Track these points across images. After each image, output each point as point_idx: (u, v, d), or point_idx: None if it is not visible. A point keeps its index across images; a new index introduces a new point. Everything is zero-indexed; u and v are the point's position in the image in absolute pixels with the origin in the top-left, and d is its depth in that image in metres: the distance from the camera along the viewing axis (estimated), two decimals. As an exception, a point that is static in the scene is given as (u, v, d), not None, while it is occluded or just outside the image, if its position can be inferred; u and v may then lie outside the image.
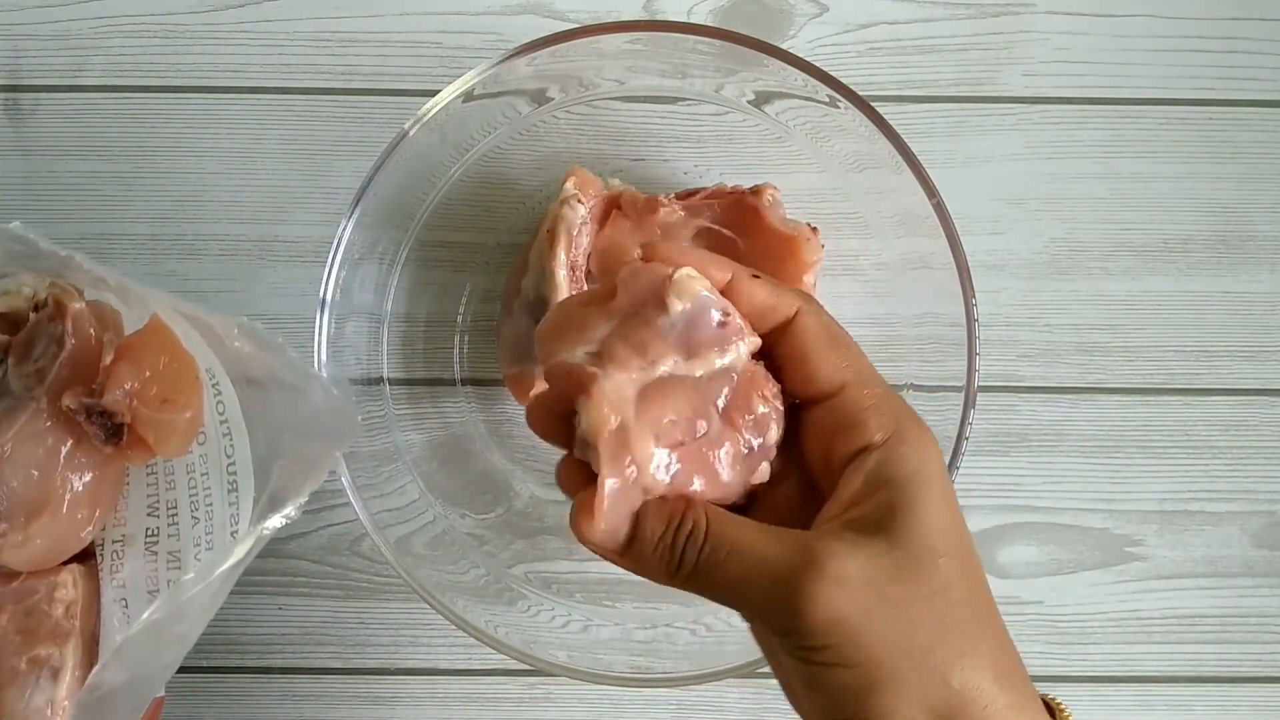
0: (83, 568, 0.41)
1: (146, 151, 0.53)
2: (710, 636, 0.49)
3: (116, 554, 0.42)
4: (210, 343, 0.41)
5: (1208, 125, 0.54)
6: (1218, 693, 0.53)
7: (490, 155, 0.51)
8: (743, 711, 0.52)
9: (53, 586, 0.40)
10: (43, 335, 0.40)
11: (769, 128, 0.51)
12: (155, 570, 0.41)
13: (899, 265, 0.49)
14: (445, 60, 0.53)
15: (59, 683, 0.39)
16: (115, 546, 0.42)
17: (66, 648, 0.39)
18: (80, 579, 0.41)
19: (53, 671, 0.39)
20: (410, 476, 0.50)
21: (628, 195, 0.50)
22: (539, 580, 0.51)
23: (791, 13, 0.54)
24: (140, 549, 0.42)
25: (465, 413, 0.52)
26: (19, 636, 0.39)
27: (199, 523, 0.41)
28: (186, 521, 0.41)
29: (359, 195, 0.46)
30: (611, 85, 0.51)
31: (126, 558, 0.42)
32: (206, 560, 0.40)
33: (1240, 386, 0.54)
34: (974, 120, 0.54)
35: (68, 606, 0.40)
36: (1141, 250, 0.54)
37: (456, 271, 0.52)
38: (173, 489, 0.42)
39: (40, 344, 0.40)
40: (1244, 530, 0.53)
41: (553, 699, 0.52)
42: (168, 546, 0.42)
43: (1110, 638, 0.53)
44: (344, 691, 0.52)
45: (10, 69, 0.53)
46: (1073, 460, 0.53)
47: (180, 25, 0.53)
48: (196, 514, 0.41)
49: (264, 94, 0.53)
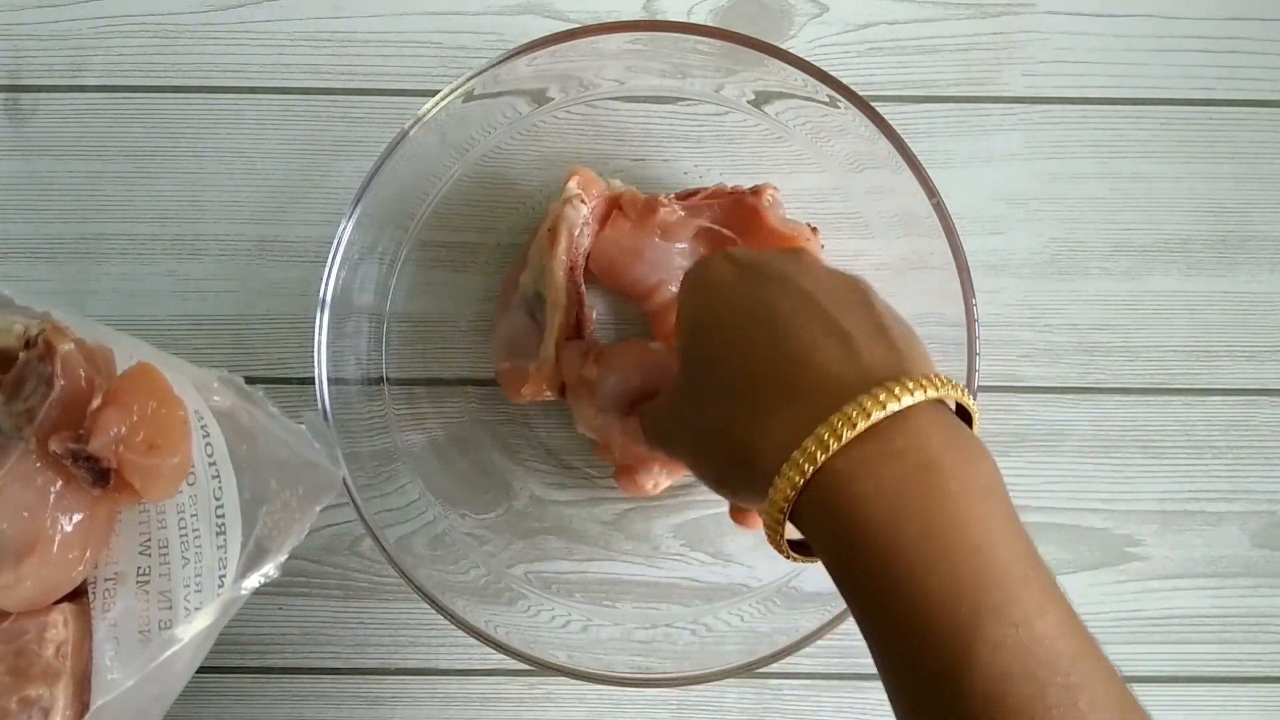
0: (74, 607, 0.41)
1: (146, 151, 0.53)
2: (710, 636, 0.49)
3: (108, 592, 0.42)
4: (197, 385, 0.41)
5: (1208, 125, 0.54)
6: (1218, 693, 0.53)
7: (490, 155, 0.51)
8: (743, 711, 0.52)
9: (43, 626, 0.40)
10: (32, 375, 0.40)
11: (769, 128, 0.51)
12: (147, 609, 0.41)
13: (899, 265, 0.49)
14: (445, 60, 0.53)
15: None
16: (107, 585, 0.42)
17: (57, 687, 0.39)
18: (71, 619, 0.40)
19: (43, 712, 0.39)
20: (410, 476, 0.50)
21: (628, 195, 0.49)
22: (539, 580, 0.51)
23: (791, 13, 0.54)
24: (132, 587, 0.41)
25: (465, 413, 0.52)
26: (9, 677, 0.39)
27: (189, 564, 0.41)
28: (177, 562, 0.41)
29: (359, 195, 0.46)
30: (611, 85, 0.51)
31: (118, 596, 0.41)
32: (196, 603, 0.40)
33: (1240, 386, 0.54)
34: (974, 120, 0.54)
35: (58, 646, 0.40)
36: (1141, 250, 0.54)
37: (456, 271, 0.52)
38: (164, 528, 0.42)
39: (30, 383, 0.40)
40: (1244, 530, 0.53)
41: (553, 699, 0.52)
42: (159, 586, 0.41)
43: (1110, 638, 0.53)
44: (344, 691, 0.52)
45: (10, 69, 0.53)
46: (1073, 460, 0.53)
47: (180, 25, 0.53)
48: (186, 554, 0.41)
49: (264, 94, 0.53)
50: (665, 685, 0.46)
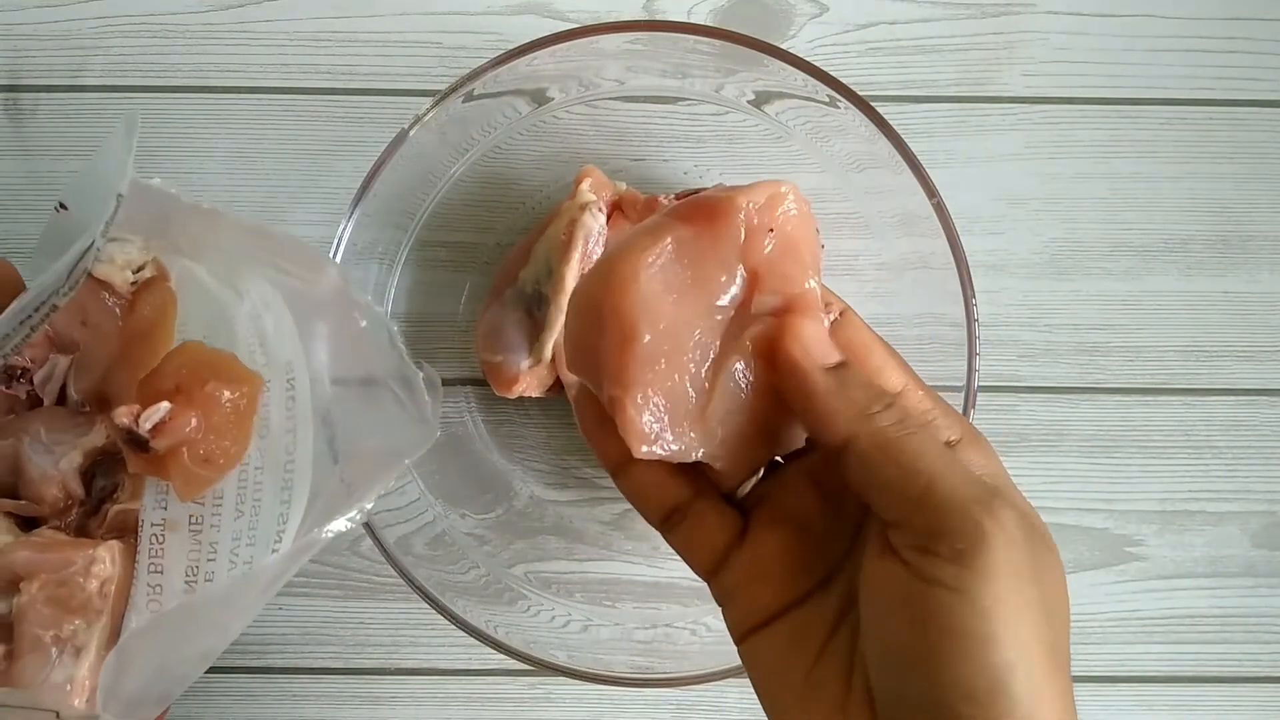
0: (122, 545, 0.40)
1: (147, 151, 0.53)
2: (710, 636, 0.49)
3: (156, 538, 0.40)
4: (320, 318, 0.40)
5: (1208, 125, 0.54)
6: (1218, 693, 0.53)
7: (490, 155, 0.51)
8: (742, 711, 0.52)
9: (90, 560, 0.39)
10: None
11: (769, 128, 0.51)
12: (197, 560, 0.40)
13: (899, 265, 0.49)
14: (445, 60, 0.53)
15: (81, 660, 0.38)
16: (155, 529, 0.40)
17: (95, 626, 0.38)
18: (120, 556, 0.39)
19: (76, 649, 0.38)
20: (410, 476, 0.50)
21: (628, 195, 0.49)
22: (539, 580, 0.51)
23: (791, 13, 0.54)
24: (184, 536, 0.40)
25: (465, 413, 0.52)
26: (49, 608, 0.38)
27: (243, 516, 0.40)
28: (230, 514, 0.40)
29: (359, 195, 0.46)
30: (611, 85, 0.51)
31: (168, 543, 0.40)
32: (246, 556, 0.39)
33: (1240, 386, 0.54)
34: (974, 120, 0.54)
35: (102, 583, 0.39)
36: (1141, 250, 0.54)
37: (456, 271, 0.52)
38: (223, 480, 0.41)
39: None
40: (1244, 530, 0.53)
41: (553, 699, 0.52)
42: (209, 537, 0.40)
43: (1110, 638, 0.53)
44: (344, 691, 0.52)
45: (10, 69, 0.53)
46: (1073, 460, 0.53)
47: (180, 25, 0.53)
48: (242, 507, 0.40)
49: (264, 94, 0.53)
50: (665, 685, 0.46)
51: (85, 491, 0.42)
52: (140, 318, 0.41)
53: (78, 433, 0.41)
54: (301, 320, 0.41)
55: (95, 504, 0.42)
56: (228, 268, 0.41)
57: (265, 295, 0.41)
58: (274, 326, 0.41)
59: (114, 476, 0.42)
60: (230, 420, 0.40)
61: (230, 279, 0.42)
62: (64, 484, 0.41)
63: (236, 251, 0.41)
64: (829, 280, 0.50)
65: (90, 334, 0.42)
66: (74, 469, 0.41)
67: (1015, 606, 0.27)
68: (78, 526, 0.41)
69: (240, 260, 0.41)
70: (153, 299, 0.41)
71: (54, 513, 0.41)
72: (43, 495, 0.41)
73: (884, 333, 0.36)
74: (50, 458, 0.41)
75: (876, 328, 0.36)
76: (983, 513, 0.28)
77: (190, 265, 0.42)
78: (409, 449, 0.39)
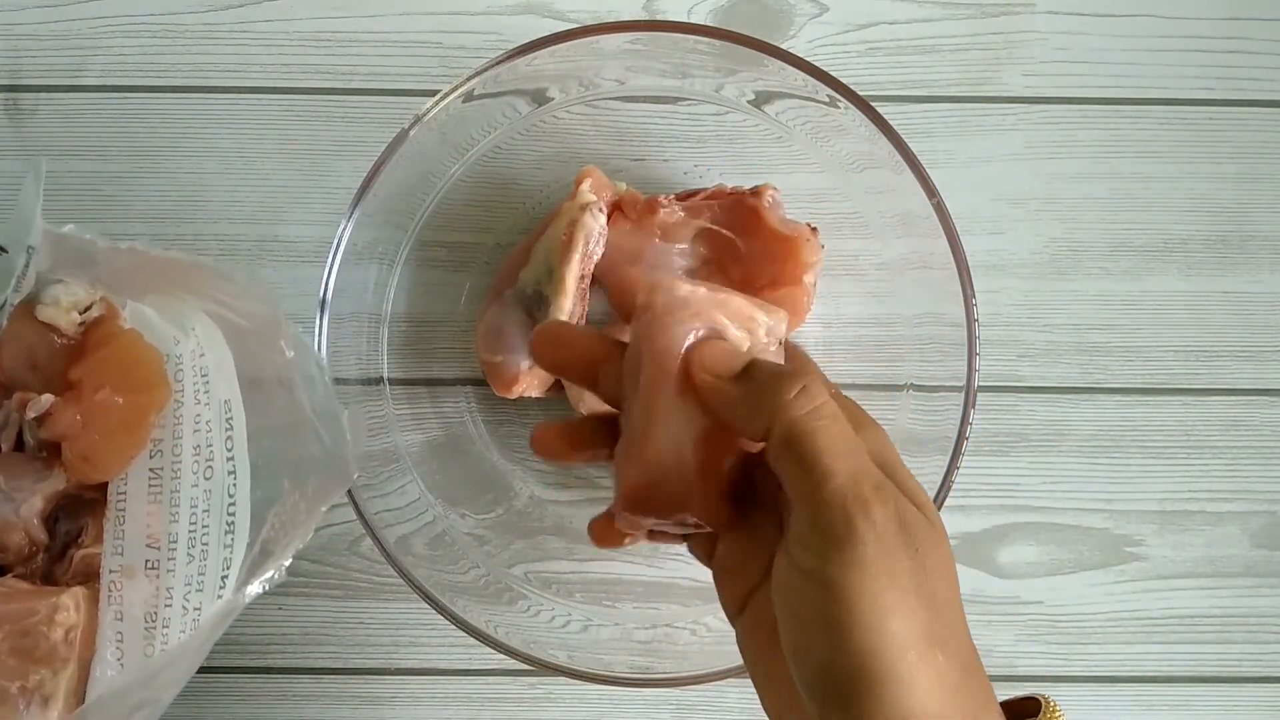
0: (86, 591, 0.40)
1: (146, 151, 0.53)
2: (710, 636, 0.49)
3: (115, 584, 0.41)
4: (248, 351, 0.40)
5: (1208, 125, 0.54)
6: (1218, 693, 0.53)
7: (490, 155, 0.51)
8: (743, 711, 0.52)
9: (54, 609, 0.39)
10: None
11: (769, 128, 0.51)
12: (155, 606, 0.40)
13: (899, 265, 0.49)
14: (445, 60, 0.53)
15: (50, 709, 0.38)
16: (114, 576, 0.41)
17: (61, 675, 0.38)
18: (84, 603, 0.39)
19: (44, 699, 0.38)
20: (410, 476, 0.50)
21: (628, 196, 0.49)
22: (539, 580, 0.51)
23: (791, 13, 0.54)
24: (141, 581, 0.41)
25: (465, 413, 0.52)
26: (13, 659, 0.38)
27: (193, 560, 0.40)
28: (183, 558, 0.40)
29: (359, 195, 0.46)
30: (611, 85, 0.51)
31: (125, 589, 0.41)
32: (196, 603, 0.39)
33: (1240, 386, 0.54)
34: (974, 120, 0.54)
35: (68, 631, 0.39)
36: (1141, 250, 0.54)
37: (456, 271, 0.52)
38: (175, 521, 0.41)
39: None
40: (1244, 530, 0.53)
41: (553, 699, 0.52)
42: (166, 582, 0.41)
43: (1110, 638, 0.53)
44: (344, 691, 0.52)
45: (10, 69, 0.53)
46: (1073, 460, 0.53)
47: (180, 25, 0.53)
48: (192, 551, 0.40)
49: (264, 94, 0.53)
50: (665, 685, 0.46)
51: (49, 537, 0.41)
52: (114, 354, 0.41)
53: (36, 478, 0.41)
54: (240, 359, 0.41)
55: (60, 549, 0.42)
56: (171, 306, 0.42)
57: (208, 332, 0.41)
58: (215, 364, 0.41)
59: (78, 520, 0.42)
60: (117, 426, 0.39)
61: (176, 317, 0.42)
62: (26, 531, 0.40)
63: (172, 285, 0.41)
64: (829, 280, 0.51)
65: (39, 377, 0.42)
66: (35, 515, 0.40)
67: (877, 595, 0.29)
68: (44, 573, 0.41)
69: (177, 295, 0.41)
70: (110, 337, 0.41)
71: (19, 560, 0.41)
72: (6, 543, 0.40)
73: (884, 333, 0.36)
74: (10, 505, 0.40)
75: (876, 328, 0.36)
76: (857, 510, 0.29)
77: (136, 305, 0.42)
78: (329, 492, 0.39)
